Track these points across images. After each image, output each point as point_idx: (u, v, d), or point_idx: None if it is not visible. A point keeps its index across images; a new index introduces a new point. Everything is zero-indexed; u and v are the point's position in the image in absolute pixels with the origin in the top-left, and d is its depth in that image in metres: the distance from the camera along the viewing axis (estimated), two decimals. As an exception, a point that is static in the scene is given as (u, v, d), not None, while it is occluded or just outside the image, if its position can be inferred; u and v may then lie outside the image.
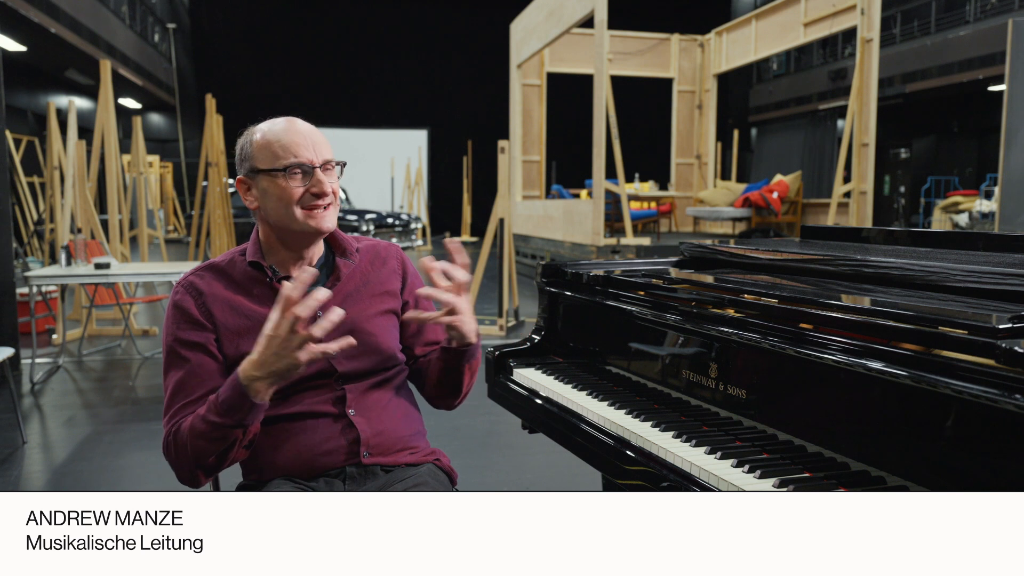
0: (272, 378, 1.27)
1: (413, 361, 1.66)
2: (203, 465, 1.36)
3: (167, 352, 1.45)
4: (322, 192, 1.45)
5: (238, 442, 1.34)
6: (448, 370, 1.55)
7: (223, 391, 1.31)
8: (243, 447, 1.37)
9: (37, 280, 5.08)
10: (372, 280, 1.59)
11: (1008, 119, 6.48)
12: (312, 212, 1.46)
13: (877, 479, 1.04)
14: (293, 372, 1.27)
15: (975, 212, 11.82)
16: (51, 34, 11.78)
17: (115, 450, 3.69)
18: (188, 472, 1.38)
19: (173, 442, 1.37)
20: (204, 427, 1.32)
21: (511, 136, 11.35)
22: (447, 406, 1.67)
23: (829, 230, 2.13)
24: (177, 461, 1.38)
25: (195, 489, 1.40)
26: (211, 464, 1.36)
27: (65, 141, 6.90)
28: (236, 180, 1.50)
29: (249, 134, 1.50)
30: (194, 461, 1.35)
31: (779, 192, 9.78)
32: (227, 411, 1.30)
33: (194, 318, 1.44)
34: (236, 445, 1.34)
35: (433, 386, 1.62)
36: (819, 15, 9.06)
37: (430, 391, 1.65)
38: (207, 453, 1.34)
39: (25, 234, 11.73)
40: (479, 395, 1.87)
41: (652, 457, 1.28)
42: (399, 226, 14.12)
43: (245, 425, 1.32)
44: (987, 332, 0.94)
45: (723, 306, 1.37)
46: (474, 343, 1.51)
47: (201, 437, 1.33)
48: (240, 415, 1.30)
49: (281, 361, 1.25)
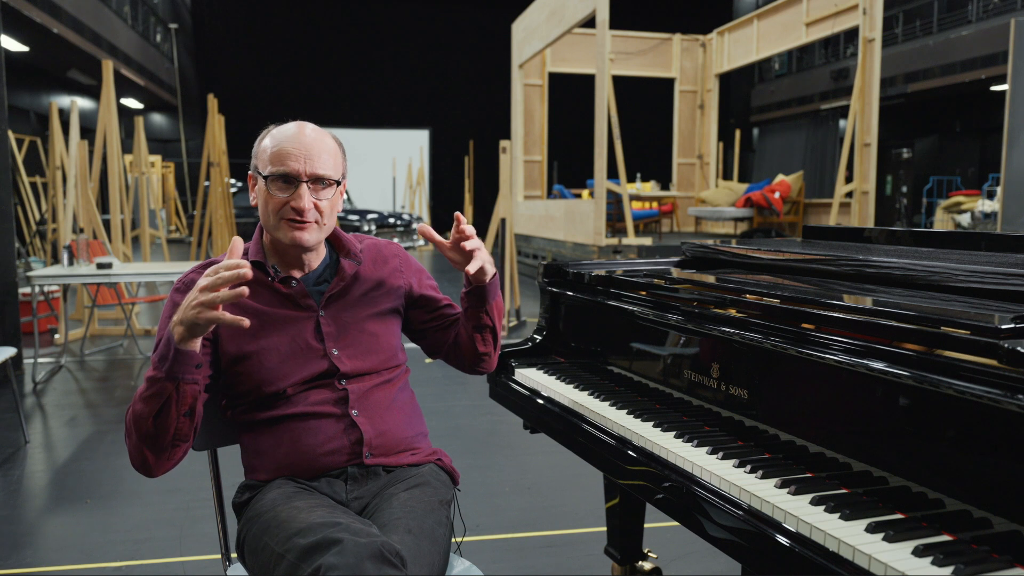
0: (183, 325, 1.25)
1: (439, 345, 1.68)
2: (143, 434, 1.31)
3: (155, 344, 1.45)
4: (299, 208, 1.44)
5: (173, 403, 1.29)
6: (477, 315, 1.58)
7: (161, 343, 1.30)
8: (183, 415, 1.31)
9: (39, 280, 5.08)
10: (374, 280, 1.60)
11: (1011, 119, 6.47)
12: (292, 224, 1.46)
13: (879, 479, 1.04)
14: (196, 327, 1.24)
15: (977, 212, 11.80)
16: (53, 34, 11.80)
17: (117, 450, 3.69)
18: (136, 449, 1.34)
19: (127, 421, 1.35)
20: (143, 387, 1.30)
21: (513, 136, 11.34)
22: (488, 364, 1.67)
23: (831, 230, 2.12)
24: (128, 441, 1.35)
25: (150, 477, 1.38)
26: (149, 433, 1.31)
27: (67, 141, 6.90)
28: (249, 174, 1.53)
29: (264, 133, 1.52)
30: (136, 431, 1.32)
31: (781, 192, 9.77)
32: (159, 360, 1.28)
33: None
34: (172, 408, 1.29)
35: (468, 345, 1.63)
36: (821, 15, 9.05)
37: (468, 353, 1.64)
38: (144, 415, 1.30)
39: (27, 234, 11.74)
40: (480, 395, 1.87)
41: (654, 457, 1.28)
42: (400, 226, 14.13)
43: (176, 378, 1.27)
44: (990, 332, 0.94)
45: (725, 306, 1.37)
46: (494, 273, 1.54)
47: (140, 398, 1.30)
48: (168, 363, 1.27)
49: (189, 312, 1.23)
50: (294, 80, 20.04)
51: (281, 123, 1.51)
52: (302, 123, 1.50)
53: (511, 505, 3.05)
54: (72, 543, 2.73)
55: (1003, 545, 0.87)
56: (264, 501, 1.40)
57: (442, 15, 20.72)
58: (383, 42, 20.57)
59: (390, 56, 20.65)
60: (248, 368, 1.47)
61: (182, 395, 1.29)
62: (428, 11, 20.68)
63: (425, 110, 21.24)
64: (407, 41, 20.75)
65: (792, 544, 0.96)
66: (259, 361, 1.46)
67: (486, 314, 1.59)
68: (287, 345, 1.48)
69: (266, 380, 1.47)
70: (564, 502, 3.09)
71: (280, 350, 1.47)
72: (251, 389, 1.48)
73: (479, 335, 1.61)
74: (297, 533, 1.25)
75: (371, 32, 20.47)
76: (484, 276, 1.53)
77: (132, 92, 17.54)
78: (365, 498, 1.47)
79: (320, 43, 20.31)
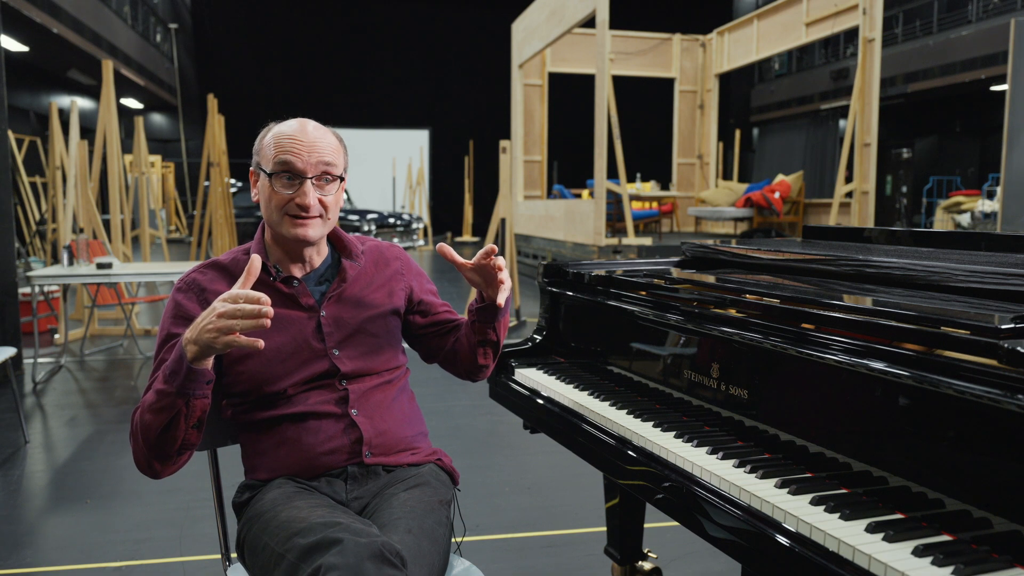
0: (198, 345, 1.25)
1: (435, 351, 1.68)
2: (151, 443, 1.32)
3: (158, 344, 1.45)
4: (304, 204, 1.45)
5: (182, 417, 1.29)
6: (484, 330, 1.58)
7: (171, 357, 1.30)
8: (192, 427, 1.32)
9: (39, 280, 5.08)
10: (376, 281, 1.60)
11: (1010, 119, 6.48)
12: (295, 220, 1.46)
13: (879, 479, 1.04)
14: (211, 349, 1.25)
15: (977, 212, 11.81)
16: (53, 34, 11.80)
17: (117, 450, 3.69)
18: (143, 455, 1.35)
19: (133, 423, 1.36)
20: (152, 398, 1.30)
21: (512, 136, 11.34)
22: (484, 374, 1.68)
23: (831, 230, 2.12)
24: (134, 443, 1.36)
25: (155, 479, 1.39)
26: (157, 442, 1.32)
27: (67, 141, 6.90)
28: (251, 170, 1.53)
29: (266, 129, 1.52)
30: (143, 439, 1.32)
31: (781, 192, 9.77)
32: (170, 375, 1.28)
33: (189, 315, 1.43)
34: (180, 421, 1.30)
35: (468, 355, 1.63)
36: (821, 15, 9.05)
37: (466, 362, 1.64)
38: (153, 427, 1.30)
39: (27, 234, 11.74)
40: (480, 395, 1.88)
41: (653, 457, 1.28)
42: (400, 226, 14.13)
43: (186, 395, 1.28)
44: (989, 332, 0.94)
45: (725, 306, 1.37)
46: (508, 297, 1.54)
47: (149, 409, 1.30)
48: (179, 380, 1.27)
49: (204, 335, 1.23)
50: (294, 80, 20.03)
51: (282, 121, 1.52)
52: (304, 120, 1.50)
53: (511, 505, 3.05)
54: (72, 543, 2.73)
55: (1003, 545, 0.87)
56: (264, 501, 1.40)
57: (442, 15, 20.71)
58: (383, 42, 20.56)
59: (390, 56, 20.64)
60: (249, 368, 1.47)
61: (191, 409, 1.30)
62: (428, 11, 20.68)
63: (425, 110, 21.24)
64: (407, 41, 20.74)
65: (792, 544, 0.96)
66: (260, 361, 1.46)
67: (493, 330, 1.60)
68: (288, 345, 1.48)
69: (267, 380, 1.47)
70: (564, 502, 3.09)
71: (281, 350, 1.47)
72: (251, 389, 1.48)
73: (482, 348, 1.62)
74: (297, 533, 1.25)
75: (371, 32, 20.46)
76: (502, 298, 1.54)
77: (132, 92, 17.54)
78: (365, 498, 1.47)
79: (320, 43, 20.30)
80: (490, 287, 1.52)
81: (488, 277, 1.51)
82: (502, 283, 1.50)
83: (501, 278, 1.49)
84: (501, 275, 1.49)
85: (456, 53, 20.76)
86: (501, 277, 1.49)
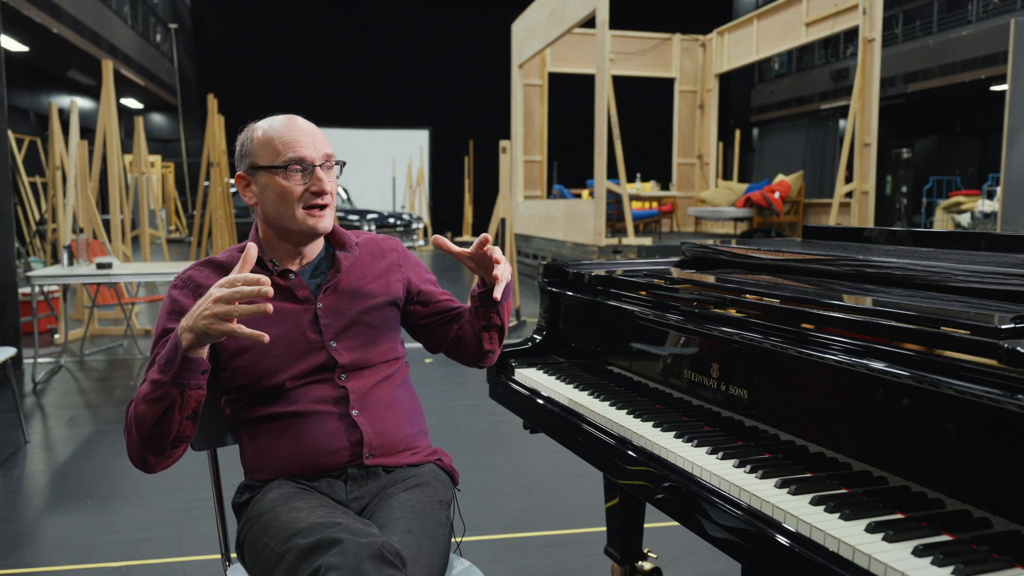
0: (193, 333, 1.24)
1: (440, 340, 1.67)
2: (144, 435, 1.31)
3: (153, 339, 1.45)
4: (321, 191, 1.46)
5: (176, 408, 1.28)
6: (488, 315, 1.59)
7: (167, 347, 1.30)
8: (186, 419, 1.31)
9: (39, 280, 5.08)
10: (372, 272, 1.60)
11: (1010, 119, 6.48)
12: (311, 211, 1.47)
13: (879, 479, 1.04)
14: (206, 336, 1.24)
15: (977, 212, 11.81)
16: (53, 34, 11.80)
17: (117, 450, 3.69)
18: (137, 448, 1.34)
19: (128, 416, 1.35)
20: (147, 388, 1.30)
21: (512, 136, 11.34)
22: (491, 359, 1.68)
23: (831, 230, 2.12)
24: (128, 436, 1.35)
25: (149, 473, 1.38)
26: (151, 434, 1.31)
27: (67, 141, 6.90)
28: (236, 176, 1.51)
29: (250, 131, 1.50)
30: (137, 430, 1.31)
31: (781, 192, 9.77)
32: (165, 364, 1.27)
33: (185, 311, 1.42)
34: (175, 412, 1.29)
35: (473, 341, 1.63)
36: (821, 15, 9.04)
37: (472, 349, 1.64)
38: (147, 418, 1.29)
39: (27, 234, 11.74)
40: (481, 395, 1.87)
41: (653, 457, 1.28)
42: (400, 226, 14.15)
43: (181, 384, 1.27)
44: (989, 332, 0.94)
45: (725, 306, 1.37)
46: (509, 281, 1.54)
47: (144, 400, 1.30)
48: (174, 369, 1.26)
49: (200, 321, 1.23)
50: (294, 80, 20.03)
51: (257, 121, 1.51)
52: (289, 115, 1.51)
53: (511, 505, 3.05)
54: (72, 543, 2.73)
55: (1003, 545, 0.87)
56: (264, 501, 1.40)
57: (442, 15, 20.72)
58: (383, 42, 20.56)
59: (390, 56, 20.64)
60: (247, 361, 1.47)
61: (186, 400, 1.29)
62: (428, 11, 20.68)
63: (425, 110, 21.24)
64: (407, 41, 20.74)
65: (792, 544, 0.96)
66: (257, 354, 1.46)
67: (496, 314, 1.61)
68: (285, 337, 1.48)
69: (264, 373, 1.47)
70: (564, 502, 3.09)
71: (279, 342, 1.47)
72: (249, 383, 1.48)
73: (487, 333, 1.62)
74: (297, 533, 1.25)
75: (371, 32, 20.46)
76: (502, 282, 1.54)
77: (132, 92, 17.54)
78: (365, 498, 1.47)
79: (320, 43, 20.30)
80: (489, 273, 1.52)
81: (487, 265, 1.51)
82: (497, 277, 1.50)
83: (496, 272, 1.49)
84: (498, 269, 1.49)
85: (456, 53, 20.76)
86: (497, 271, 1.49)
